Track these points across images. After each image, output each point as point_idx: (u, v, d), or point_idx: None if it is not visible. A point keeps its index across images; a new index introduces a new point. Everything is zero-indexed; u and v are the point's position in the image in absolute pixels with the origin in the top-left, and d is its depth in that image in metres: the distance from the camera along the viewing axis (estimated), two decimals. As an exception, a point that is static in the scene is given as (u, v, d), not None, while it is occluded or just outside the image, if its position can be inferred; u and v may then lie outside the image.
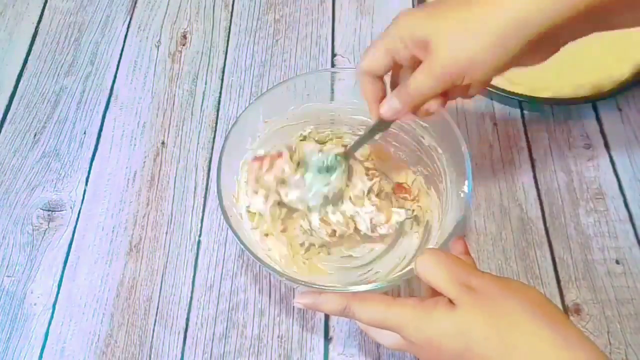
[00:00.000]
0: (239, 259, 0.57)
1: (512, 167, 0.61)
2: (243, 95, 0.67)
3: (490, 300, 0.36)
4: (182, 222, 0.60)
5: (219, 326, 0.54)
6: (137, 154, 0.64)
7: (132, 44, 0.72)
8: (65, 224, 0.60)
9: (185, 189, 0.61)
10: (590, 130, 0.63)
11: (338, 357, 0.52)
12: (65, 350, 0.54)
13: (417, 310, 0.38)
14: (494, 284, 0.37)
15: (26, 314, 0.55)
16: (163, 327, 0.54)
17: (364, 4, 0.73)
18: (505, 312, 0.36)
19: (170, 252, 0.58)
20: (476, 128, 0.63)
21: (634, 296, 0.53)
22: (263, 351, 0.53)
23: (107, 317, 0.55)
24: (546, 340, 0.35)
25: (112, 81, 0.69)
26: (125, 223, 0.60)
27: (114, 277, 0.57)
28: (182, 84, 0.68)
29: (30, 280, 0.57)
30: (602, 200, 0.58)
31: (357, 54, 0.69)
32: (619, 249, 0.56)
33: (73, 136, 0.65)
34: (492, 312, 0.36)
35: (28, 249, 0.59)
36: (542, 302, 0.37)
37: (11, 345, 0.54)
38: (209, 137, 0.65)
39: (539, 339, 0.35)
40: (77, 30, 0.74)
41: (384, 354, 0.52)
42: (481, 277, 0.38)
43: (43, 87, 0.69)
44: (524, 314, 0.35)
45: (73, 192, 0.62)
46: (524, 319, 0.35)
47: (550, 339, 0.34)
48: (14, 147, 0.65)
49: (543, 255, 0.56)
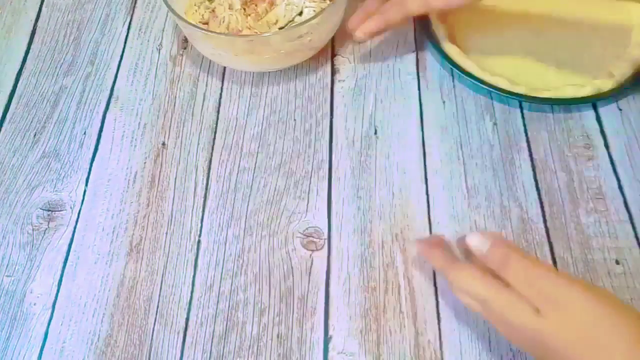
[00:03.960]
0: (239, 259, 0.57)
1: (512, 167, 0.61)
2: (243, 96, 0.67)
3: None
4: (182, 222, 0.60)
5: (218, 326, 0.54)
6: (137, 154, 0.64)
7: (133, 45, 0.72)
8: (65, 224, 0.60)
9: (186, 189, 0.62)
10: (591, 130, 0.63)
11: (338, 357, 0.52)
12: (65, 350, 0.54)
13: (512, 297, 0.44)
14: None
15: (26, 313, 0.55)
16: (163, 327, 0.54)
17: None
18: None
19: (170, 252, 0.58)
20: (476, 128, 0.64)
21: (633, 296, 0.53)
22: (263, 351, 0.53)
23: (107, 317, 0.55)
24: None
25: (112, 82, 0.69)
26: (126, 223, 0.60)
27: (114, 277, 0.57)
28: (182, 86, 0.68)
29: (30, 280, 0.57)
30: (602, 200, 0.58)
31: (357, 54, 0.69)
32: (618, 249, 0.56)
33: (73, 136, 0.65)
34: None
35: (28, 248, 0.59)
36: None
37: (10, 345, 0.54)
38: (209, 138, 0.65)
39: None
40: (76, 28, 0.74)
41: (384, 352, 0.52)
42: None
43: (42, 87, 0.69)
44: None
45: (73, 192, 0.62)
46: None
47: None
48: (13, 147, 0.65)
49: (543, 255, 0.56)
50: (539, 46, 0.68)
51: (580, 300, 0.42)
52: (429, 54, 0.69)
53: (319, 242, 0.58)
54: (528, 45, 0.68)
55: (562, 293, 0.43)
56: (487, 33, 0.70)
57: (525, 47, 0.68)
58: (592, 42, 0.68)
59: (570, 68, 0.64)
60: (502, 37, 0.69)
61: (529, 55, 0.67)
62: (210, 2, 0.68)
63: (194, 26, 0.62)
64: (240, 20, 0.66)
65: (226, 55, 0.64)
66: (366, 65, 0.69)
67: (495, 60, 0.67)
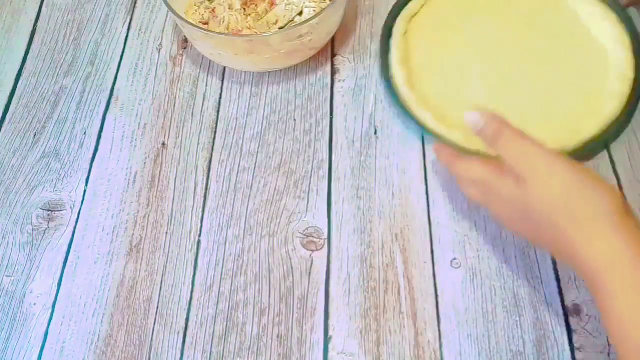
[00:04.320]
0: (239, 259, 0.57)
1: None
2: (243, 96, 0.67)
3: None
4: (182, 222, 0.60)
5: (218, 326, 0.54)
6: (137, 155, 0.64)
7: (133, 46, 0.72)
8: (65, 224, 0.60)
9: (186, 189, 0.62)
10: (590, 131, 0.63)
11: (338, 357, 0.52)
12: (65, 350, 0.54)
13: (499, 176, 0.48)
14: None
15: (26, 313, 0.55)
16: (163, 327, 0.54)
17: (364, 3, 0.73)
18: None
19: (171, 252, 0.58)
20: (476, 128, 0.63)
21: (633, 296, 0.53)
22: (263, 351, 0.53)
23: (107, 317, 0.55)
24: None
25: (112, 82, 0.69)
26: (126, 223, 0.60)
27: (114, 277, 0.57)
28: (183, 86, 0.68)
29: (30, 280, 0.57)
30: (602, 200, 0.58)
31: (357, 54, 0.69)
32: (619, 248, 0.56)
33: (73, 137, 0.66)
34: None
35: (28, 248, 0.59)
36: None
37: (10, 345, 0.54)
38: (209, 138, 0.65)
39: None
40: (76, 29, 0.74)
41: (384, 353, 0.52)
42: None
43: (43, 87, 0.69)
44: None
45: (73, 192, 0.62)
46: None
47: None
48: (13, 147, 0.65)
49: (543, 256, 0.56)
50: (504, 95, 0.63)
51: (564, 172, 0.44)
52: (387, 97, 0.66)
53: (318, 242, 0.58)
54: (492, 93, 0.64)
55: (548, 163, 0.45)
56: (448, 78, 0.65)
57: (489, 96, 0.64)
58: (561, 93, 0.63)
59: (535, 121, 0.57)
60: (464, 84, 0.65)
61: (493, 104, 0.57)
62: (210, 2, 0.69)
63: (194, 26, 0.62)
64: (240, 21, 0.66)
65: (226, 55, 0.64)
66: (366, 65, 0.69)
67: (456, 108, 0.58)
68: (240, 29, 0.66)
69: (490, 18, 0.69)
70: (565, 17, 0.67)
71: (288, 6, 0.66)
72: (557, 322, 0.53)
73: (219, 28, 0.66)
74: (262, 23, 0.66)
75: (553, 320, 0.53)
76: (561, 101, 0.62)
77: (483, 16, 0.69)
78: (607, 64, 0.63)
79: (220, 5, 0.68)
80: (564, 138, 0.59)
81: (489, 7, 0.69)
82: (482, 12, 0.69)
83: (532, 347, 0.52)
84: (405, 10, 0.69)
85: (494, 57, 0.66)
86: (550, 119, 0.61)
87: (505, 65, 0.65)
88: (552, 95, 0.63)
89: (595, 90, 0.62)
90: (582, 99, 0.62)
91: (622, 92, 0.61)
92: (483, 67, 0.66)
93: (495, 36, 0.67)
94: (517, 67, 0.65)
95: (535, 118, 0.60)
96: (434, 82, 0.65)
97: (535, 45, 0.66)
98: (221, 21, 0.66)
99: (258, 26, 0.66)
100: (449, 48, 0.67)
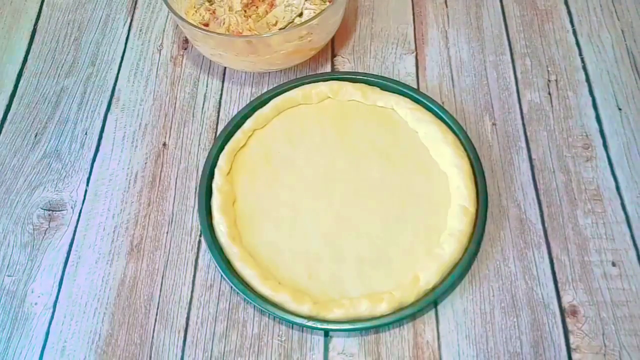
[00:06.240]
0: (239, 259, 0.58)
1: (511, 167, 0.61)
2: (243, 96, 0.68)
3: None
4: (183, 222, 0.60)
5: (219, 325, 0.55)
6: (138, 154, 0.64)
7: (134, 46, 0.72)
8: (66, 223, 0.60)
9: (186, 189, 0.62)
10: (590, 130, 0.63)
11: (338, 357, 0.53)
12: (66, 350, 0.54)
13: None
14: None
15: (27, 313, 0.56)
16: (163, 327, 0.55)
17: (364, 3, 0.73)
18: None
19: (171, 251, 0.58)
20: (476, 128, 0.64)
21: (629, 298, 0.54)
22: (263, 350, 0.53)
23: (108, 316, 0.55)
24: None
25: (113, 83, 0.69)
26: (127, 223, 0.60)
27: (115, 276, 0.57)
28: (183, 87, 0.69)
29: (31, 279, 0.57)
30: (599, 202, 0.59)
31: (357, 54, 0.70)
32: (615, 251, 0.56)
33: (74, 137, 0.66)
34: None
35: (29, 248, 0.59)
36: None
37: (12, 345, 0.54)
38: (210, 138, 0.65)
39: None
40: (76, 29, 0.74)
41: (384, 353, 0.53)
42: None
43: (44, 88, 0.69)
44: None
45: (74, 192, 0.62)
46: None
47: None
48: (14, 147, 0.65)
49: (541, 256, 0.56)
50: (340, 237, 0.57)
51: None
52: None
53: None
54: (326, 237, 0.57)
55: None
56: (280, 224, 0.58)
57: (322, 239, 0.57)
58: (400, 230, 0.57)
59: (373, 267, 0.54)
60: (297, 227, 0.57)
61: (326, 248, 0.56)
62: (211, 4, 0.69)
63: (195, 27, 0.62)
64: (240, 22, 0.66)
65: (226, 56, 0.64)
66: (366, 65, 0.69)
67: (286, 259, 0.56)
68: (241, 30, 0.66)
69: (322, 147, 0.62)
70: (404, 142, 0.62)
71: (288, 7, 0.66)
72: (554, 323, 0.53)
73: (219, 29, 0.66)
74: (261, 24, 0.66)
75: (550, 321, 0.53)
76: (400, 242, 0.56)
77: (315, 144, 0.62)
78: (448, 194, 0.58)
79: (221, 7, 0.68)
80: (402, 286, 0.53)
81: (320, 134, 0.62)
82: (313, 139, 0.62)
83: (530, 348, 0.52)
84: (230, 143, 0.61)
85: (327, 192, 0.59)
86: (390, 264, 0.55)
87: (340, 201, 0.59)
88: (392, 234, 0.57)
89: (436, 227, 0.56)
90: (422, 239, 0.56)
91: (462, 230, 0.55)
92: (317, 204, 0.59)
93: (328, 168, 0.61)
94: (354, 203, 0.58)
95: (373, 263, 0.55)
96: (262, 228, 0.58)
97: (373, 174, 0.60)
98: (221, 23, 0.66)
99: (258, 27, 0.66)
100: (279, 185, 0.60)
